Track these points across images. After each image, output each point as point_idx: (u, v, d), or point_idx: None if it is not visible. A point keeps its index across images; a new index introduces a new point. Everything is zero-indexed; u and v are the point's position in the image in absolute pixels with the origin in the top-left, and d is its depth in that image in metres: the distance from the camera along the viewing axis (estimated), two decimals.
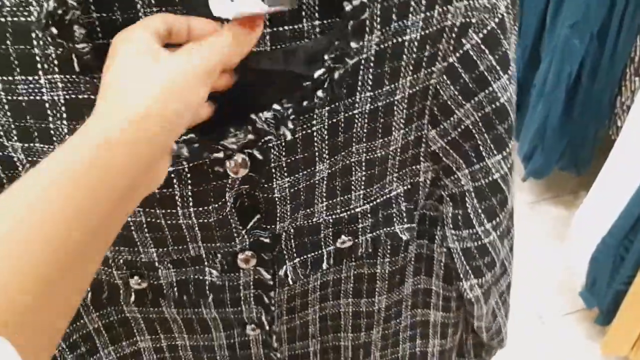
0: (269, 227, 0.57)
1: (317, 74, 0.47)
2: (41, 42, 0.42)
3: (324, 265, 0.62)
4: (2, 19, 0.41)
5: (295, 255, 0.61)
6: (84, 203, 0.35)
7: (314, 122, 0.51)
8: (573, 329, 1.69)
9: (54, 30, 0.41)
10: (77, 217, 0.35)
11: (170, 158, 0.43)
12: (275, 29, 0.48)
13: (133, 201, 0.40)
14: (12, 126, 0.46)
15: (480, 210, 0.61)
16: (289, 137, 0.49)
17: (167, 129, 0.39)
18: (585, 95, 1.60)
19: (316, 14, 0.48)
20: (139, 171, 0.38)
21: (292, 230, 0.59)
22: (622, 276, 1.42)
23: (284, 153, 0.52)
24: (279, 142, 0.50)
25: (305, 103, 0.48)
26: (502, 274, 0.70)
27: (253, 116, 0.48)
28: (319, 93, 0.48)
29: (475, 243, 0.63)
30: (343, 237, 0.61)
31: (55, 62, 0.43)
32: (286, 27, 0.48)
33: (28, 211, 0.34)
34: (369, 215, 0.61)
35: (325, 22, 0.48)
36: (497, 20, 0.50)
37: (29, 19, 0.41)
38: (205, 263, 0.58)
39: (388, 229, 0.63)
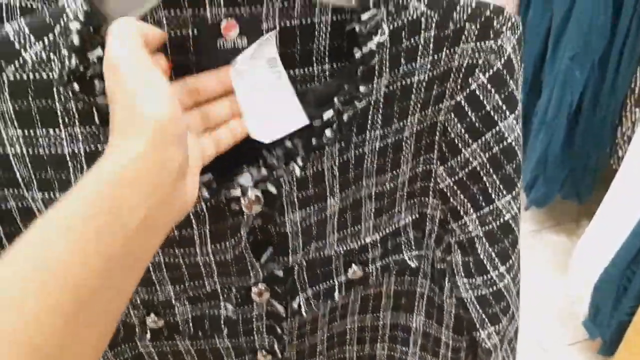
0: (281, 260, 0.58)
1: (326, 115, 0.49)
2: (62, 97, 0.44)
3: (336, 296, 0.63)
4: (25, 76, 0.43)
5: (307, 286, 0.61)
6: (99, 240, 0.35)
7: (325, 159, 0.52)
8: None
9: (76, 86, 0.42)
10: (92, 256, 0.35)
11: (197, 180, 0.43)
12: (287, 72, 0.49)
13: (157, 233, 0.40)
14: (33, 177, 0.47)
15: (493, 255, 0.61)
16: (298, 172, 0.51)
17: (180, 144, 0.39)
18: (586, 125, 1.62)
19: (326, 58, 0.50)
20: (153, 200, 0.38)
21: (304, 263, 0.60)
22: (625, 306, 1.41)
23: (295, 188, 0.53)
24: (290, 177, 0.52)
25: (314, 141, 0.50)
26: (511, 318, 0.69)
27: (264, 152, 0.50)
28: (328, 132, 0.50)
29: (490, 289, 0.62)
30: (354, 267, 0.62)
31: (76, 115, 0.45)
32: (297, 71, 0.50)
33: (43, 254, 0.34)
34: (378, 245, 0.62)
35: (334, 65, 0.51)
36: (503, 61, 0.52)
37: (50, 75, 0.43)
38: (221, 298, 0.59)
39: (397, 256, 0.64)
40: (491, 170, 0.56)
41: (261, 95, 0.48)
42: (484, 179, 0.57)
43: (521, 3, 1.64)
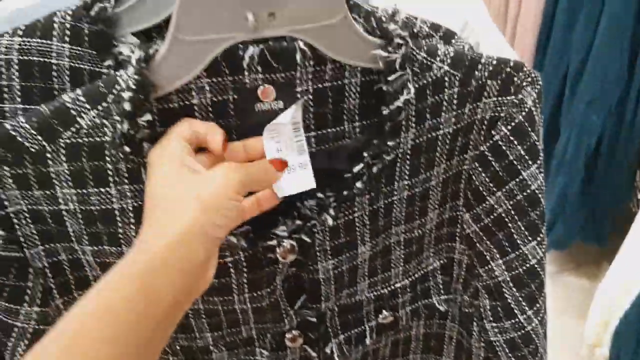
0: (314, 306, 0.60)
1: (356, 168, 0.52)
2: (113, 158, 0.47)
3: (367, 341, 0.65)
4: (80, 140, 0.47)
5: (339, 332, 0.63)
6: (131, 330, 0.38)
7: (356, 209, 0.55)
8: None
9: (127, 149, 0.46)
10: (124, 345, 0.38)
11: (215, 259, 0.46)
12: (320, 132, 0.53)
13: (182, 310, 0.43)
14: (84, 232, 0.51)
15: (521, 299, 0.62)
16: (330, 222, 0.54)
17: (208, 242, 0.43)
18: (604, 168, 1.62)
19: (356, 116, 0.53)
20: (181, 287, 0.41)
21: (336, 309, 0.62)
22: None
23: (327, 238, 0.56)
24: (322, 227, 0.54)
25: (345, 193, 0.53)
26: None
27: (298, 204, 0.53)
28: (358, 184, 0.53)
29: (518, 332, 0.63)
30: (384, 312, 0.64)
31: (126, 174, 0.48)
32: (330, 130, 0.53)
33: (77, 338, 0.37)
34: (408, 289, 0.64)
35: (364, 122, 0.54)
36: (524, 114, 0.54)
37: (103, 138, 0.47)
38: (256, 344, 0.61)
39: (426, 300, 0.66)
40: (516, 217, 0.58)
41: (282, 156, 0.51)
42: (509, 225, 0.59)
43: (538, 48, 1.66)
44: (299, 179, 0.51)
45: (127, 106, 0.45)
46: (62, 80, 0.52)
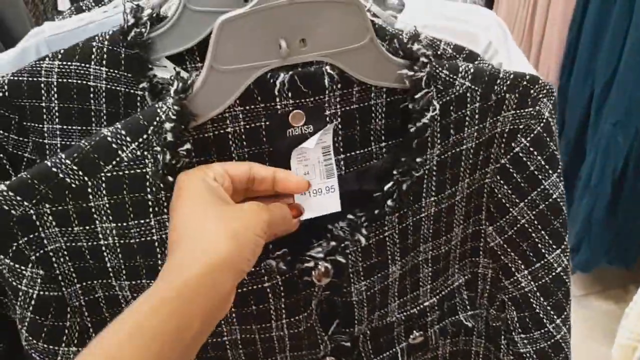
0: (348, 330, 0.60)
1: (386, 187, 0.53)
2: (154, 189, 0.48)
3: None
4: (120, 172, 0.47)
5: (372, 356, 0.63)
6: (163, 348, 0.38)
7: (386, 228, 0.56)
8: None
9: (170, 179, 0.47)
10: (156, 357, 0.38)
11: (234, 291, 0.46)
12: (348, 154, 0.54)
13: (207, 335, 0.43)
14: (123, 267, 0.51)
15: (549, 308, 0.63)
16: (363, 242, 0.54)
17: (236, 274, 0.43)
18: (630, 190, 1.61)
19: (382, 137, 0.55)
20: (208, 314, 0.41)
21: (368, 332, 0.62)
22: None
23: (360, 258, 0.56)
24: (355, 248, 0.55)
25: (376, 212, 0.54)
26: None
27: (330, 226, 0.54)
28: (389, 202, 0.54)
29: (548, 342, 0.64)
30: (415, 332, 0.64)
31: (165, 204, 0.48)
32: (357, 152, 0.55)
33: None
34: (436, 307, 0.64)
35: (390, 142, 0.55)
36: (542, 124, 0.56)
37: (144, 170, 0.47)
38: None
39: (453, 318, 0.66)
40: (539, 226, 0.60)
41: (309, 179, 0.52)
42: (533, 235, 0.60)
43: (563, 70, 1.67)
44: (325, 201, 0.53)
45: (169, 136, 0.46)
46: (99, 102, 0.54)
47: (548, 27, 1.68)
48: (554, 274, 0.62)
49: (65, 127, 0.55)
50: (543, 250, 0.61)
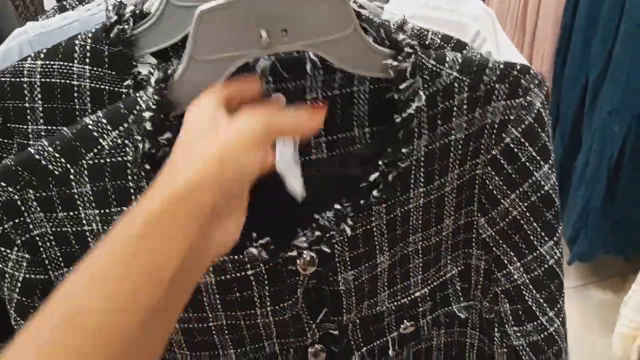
0: (336, 319, 0.60)
1: (372, 177, 0.53)
2: (135, 177, 0.49)
3: (390, 352, 0.65)
4: (102, 160, 0.48)
5: (362, 345, 0.63)
6: (136, 296, 0.35)
7: (373, 218, 0.56)
8: None
9: (147, 167, 0.47)
10: (127, 312, 0.35)
11: (242, 218, 0.43)
12: (330, 137, 0.54)
13: (191, 279, 0.40)
14: None
15: (542, 300, 0.62)
16: (349, 232, 0.54)
17: (222, 196, 0.39)
18: (627, 180, 1.60)
19: (366, 122, 0.55)
20: (191, 244, 0.37)
21: (357, 321, 0.62)
22: None
23: (347, 248, 0.56)
24: (341, 238, 0.55)
25: (362, 202, 0.54)
26: None
27: (316, 216, 0.54)
28: (375, 193, 0.53)
29: (541, 335, 0.63)
30: (405, 322, 0.64)
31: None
32: (340, 135, 0.55)
33: (76, 318, 0.34)
34: (427, 298, 0.64)
35: (374, 128, 0.55)
36: (533, 115, 0.55)
37: (125, 158, 0.48)
38: (279, 359, 0.61)
39: (446, 309, 0.66)
40: (531, 218, 0.59)
41: (283, 165, 0.50)
42: (525, 227, 0.59)
43: (557, 58, 1.66)
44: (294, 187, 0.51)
45: (148, 125, 0.46)
46: (83, 101, 0.54)
47: (542, 13, 1.67)
48: (546, 266, 0.61)
49: (49, 127, 0.55)
50: (535, 242, 0.60)
